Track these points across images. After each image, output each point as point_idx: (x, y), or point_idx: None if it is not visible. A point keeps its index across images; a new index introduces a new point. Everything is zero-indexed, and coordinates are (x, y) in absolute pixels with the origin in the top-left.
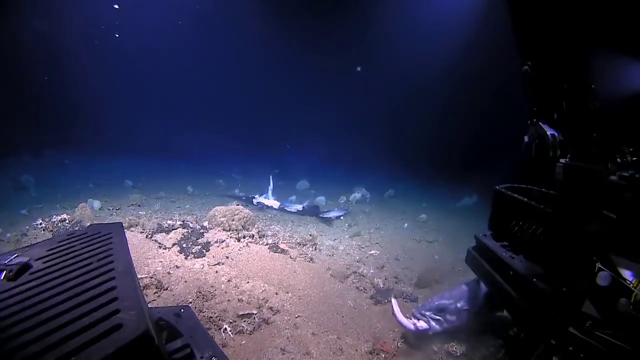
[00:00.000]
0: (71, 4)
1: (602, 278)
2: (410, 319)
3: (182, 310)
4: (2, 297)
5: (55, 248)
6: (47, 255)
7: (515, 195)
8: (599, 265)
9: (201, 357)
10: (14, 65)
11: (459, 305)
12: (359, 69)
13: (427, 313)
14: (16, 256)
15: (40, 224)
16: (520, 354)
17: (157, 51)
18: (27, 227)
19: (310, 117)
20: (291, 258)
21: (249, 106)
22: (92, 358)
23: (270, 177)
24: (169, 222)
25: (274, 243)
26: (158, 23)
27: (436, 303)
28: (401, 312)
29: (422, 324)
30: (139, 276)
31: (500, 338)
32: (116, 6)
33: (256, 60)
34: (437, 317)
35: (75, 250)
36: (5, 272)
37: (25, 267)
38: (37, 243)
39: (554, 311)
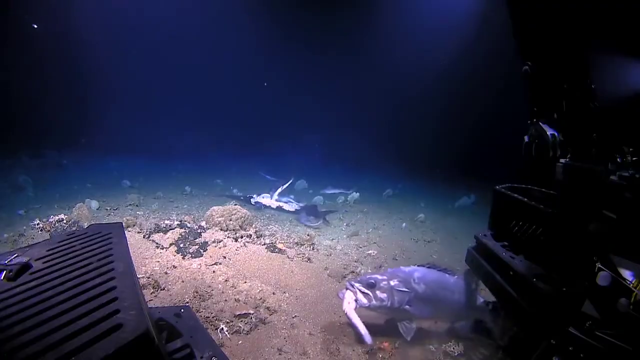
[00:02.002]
0: (67, 5)
1: (602, 278)
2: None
3: (182, 310)
4: (2, 297)
5: (55, 248)
6: (47, 255)
7: (515, 195)
8: (599, 265)
9: (201, 357)
10: (11, 66)
11: (392, 283)
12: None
13: (357, 285)
14: (16, 256)
15: (38, 224)
16: (520, 354)
17: (155, 51)
18: (25, 227)
19: (309, 117)
20: (289, 258)
21: (246, 106)
22: (92, 358)
23: (292, 178)
24: (166, 222)
25: (272, 243)
26: (155, 22)
27: (367, 277)
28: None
29: (349, 294)
30: None
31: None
32: (35, 25)
33: (255, 59)
34: (366, 292)
35: (75, 250)
36: (5, 272)
37: (25, 267)
38: (37, 243)
39: (554, 311)
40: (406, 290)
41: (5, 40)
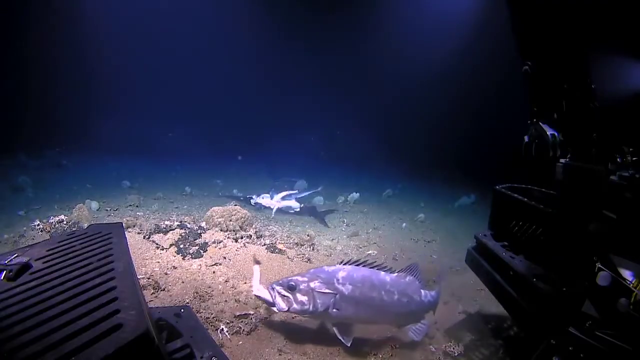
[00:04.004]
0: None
1: (602, 278)
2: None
3: (182, 310)
4: (2, 297)
5: (55, 248)
6: (47, 255)
7: (515, 195)
8: (599, 265)
9: (201, 357)
10: (11, 66)
11: (312, 285)
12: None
13: (278, 288)
14: (16, 256)
15: (38, 225)
16: (520, 354)
17: (153, 51)
18: (25, 228)
19: (309, 117)
20: (289, 258)
21: (245, 105)
22: (92, 358)
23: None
24: (166, 222)
25: (272, 243)
26: (153, 21)
27: (288, 279)
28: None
29: (267, 296)
30: None
31: (500, 338)
32: None
33: (254, 58)
34: (286, 295)
35: (75, 250)
36: (5, 272)
37: (25, 267)
38: (37, 243)
39: (554, 311)
40: (329, 292)
41: (6, 41)
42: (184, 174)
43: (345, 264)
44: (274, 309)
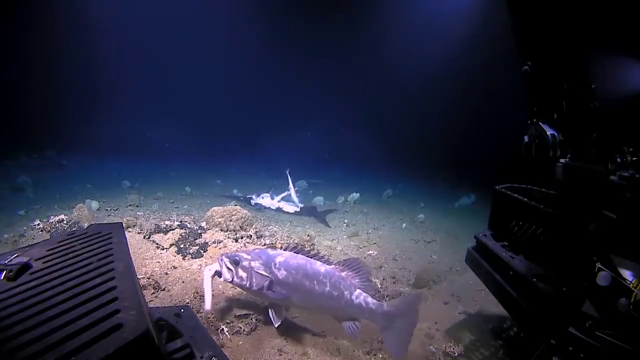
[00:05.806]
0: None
1: (602, 278)
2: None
3: (182, 310)
4: (2, 297)
5: (55, 248)
6: (47, 255)
7: (515, 195)
8: (599, 265)
9: (201, 357)
10: (12, 66)
11: (253, 264)
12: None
13: (225, 260)
14: (16, 256)
15: (38, 224)
16: (520, 354)
17: (152, 52)
18: (25, 227)
19: (310, 117)
20: None
21: (245, 106)
22: (92, 358)
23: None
24: (166, 222)
25: (272, 243)
26: (152, 23)
27: (235, 254)
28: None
29: (215, 266)
30: None
31: (500, 338)
32: None
33: (254, 59)
34: (230, 267)
35: (75, 250)
36: (5, 272)
37: (25, 267)
38: (37, 243)
39: (554, 311)
40: (265, 274)
41: (7, 42)
42: (184, 174)
43: (285, 249)
44: (222, 278)
